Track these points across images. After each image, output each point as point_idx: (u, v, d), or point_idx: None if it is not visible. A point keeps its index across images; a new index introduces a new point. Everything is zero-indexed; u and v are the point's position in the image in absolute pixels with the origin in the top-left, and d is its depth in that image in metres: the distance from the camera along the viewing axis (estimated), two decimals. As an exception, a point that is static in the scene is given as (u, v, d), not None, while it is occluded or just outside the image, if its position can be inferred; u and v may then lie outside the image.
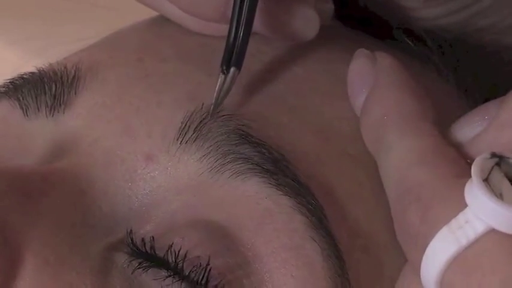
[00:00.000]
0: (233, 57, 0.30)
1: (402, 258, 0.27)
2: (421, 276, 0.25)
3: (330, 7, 0.35)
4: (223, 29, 0.31)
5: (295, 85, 0.31)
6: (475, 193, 0.24)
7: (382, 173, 0.28)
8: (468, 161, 0.26)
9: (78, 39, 0.35)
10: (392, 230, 0.27)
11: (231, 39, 0.30)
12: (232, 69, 0.30)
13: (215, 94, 0.29)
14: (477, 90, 0.36)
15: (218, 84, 0.29)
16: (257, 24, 0.31)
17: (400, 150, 0.27)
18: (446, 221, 0.24)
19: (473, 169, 0.24)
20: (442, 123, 0.28)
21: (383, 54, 0.31)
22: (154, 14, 0.35)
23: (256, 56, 0.32)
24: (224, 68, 0.30)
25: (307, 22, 0.32)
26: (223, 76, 0.29)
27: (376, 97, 0.29)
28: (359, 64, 0.31)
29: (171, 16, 0.33)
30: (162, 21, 0.34)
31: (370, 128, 0.29)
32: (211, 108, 0.29)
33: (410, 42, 0.36)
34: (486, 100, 0.29)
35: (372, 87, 0.30)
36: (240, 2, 0.30)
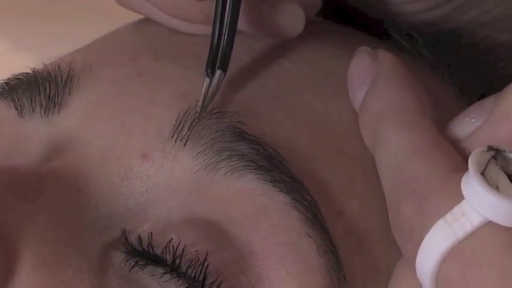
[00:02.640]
0: (218, 59, 0.30)
1: (398, 252, 0.27)
2: (416, 270, 0.25)
3: (316, 1, 0.34)
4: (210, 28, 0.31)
5: (289, 81, 0.31)
6: (472, 185, 0.24)
7: (379, 167, 0.28)
8: (466, 151, 0.26)
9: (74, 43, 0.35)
10: (388, 224, 0.27)
11: (215, 41, 0.30)
12: (218, 72, 0.29)
13: (201, 98, 0.29)
14: (472, 88, 0.36)
15: (204, 87, 0.29)
16: (241, 23, 0.31)
17: (397, 143, 0.27)
18: (442, 213, 0.24)
19: (470, 162, 0.24)
20: (440, 119, 0.29)
21: (384, 51, 0.31)
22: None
23: (249, 53, 0.32)
24: (209, 71, 0.29)
25: (292, 18, 0.32)
26: (208, 79, 0.29)
27: (375, 92, 0.29)
28: (360, 60, 0.31)
29: (158, 19, 0.33)
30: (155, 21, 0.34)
31: (369, 122, 0.29)
32: (198, 111, 0.29)
33: (401, 39, 0.36)
34: (482, 97, 0.29)
35: (371, 83, 0.30)
36: (223, 4, 0.30)
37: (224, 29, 0.30)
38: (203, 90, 0.29)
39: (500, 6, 0.36)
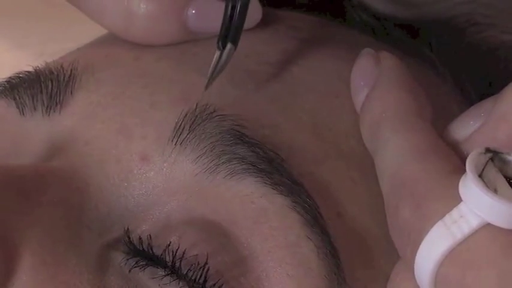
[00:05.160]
0: (230, 33, 0.30)
1: (397, 254, 0.27)
2: (415, 272, 0.25)
3: None
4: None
5: (290, 84, 0.31)
6: (470, 188, 0.24)
7: (378, 169, 0.28)
8: (466, 153, 0.26)
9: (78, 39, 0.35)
10: (387, 227, 0.27)
11: (228, 15, 0.30)
12: (228, 46, 0.30)
13: (210, 69, 0.29)
14: (473, 89, 0.36)
15: (214, 60, 0.29)
16: None
17: (395, 146, 0.27)
18: (440, 216, 0.24)
19: (468, 164, 0.24)
20: (440, 122, 0.29)
21: (386, 54, 0.31)
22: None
23: (251, 56, 0.32)
24: (220, 44, 0.30)
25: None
26: (218, 52, 0.29)
27: (376, 95, 0.30)
28: (363, 62, 0.31)
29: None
30: None
31: (368, 124, 0.29)
32: (206, 84, 0.29)
33: (403, 40, 0.36)
34: (483, 98, 0.29)
35: (373, 85, 0.30)
36: None
37: (237, 2, 0.30)
38: (213, 62, 0.29)
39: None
